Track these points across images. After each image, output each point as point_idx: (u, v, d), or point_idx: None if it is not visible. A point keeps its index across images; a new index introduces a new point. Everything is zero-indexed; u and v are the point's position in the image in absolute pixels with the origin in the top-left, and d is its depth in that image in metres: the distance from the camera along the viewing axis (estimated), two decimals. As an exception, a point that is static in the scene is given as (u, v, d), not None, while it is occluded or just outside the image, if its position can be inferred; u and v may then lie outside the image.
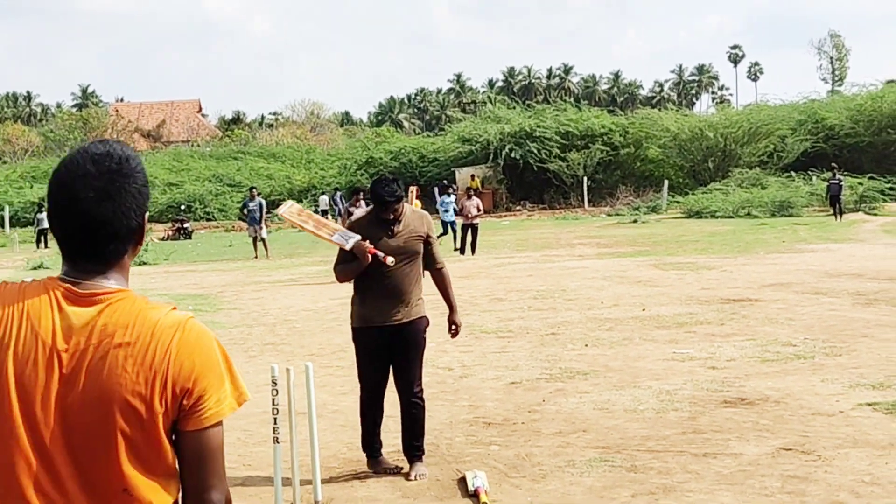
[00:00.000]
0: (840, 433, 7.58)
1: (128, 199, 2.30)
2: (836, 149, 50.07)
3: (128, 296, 2.27)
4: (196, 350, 2.24)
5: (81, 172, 2.29)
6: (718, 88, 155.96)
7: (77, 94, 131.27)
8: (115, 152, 2.33)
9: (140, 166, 2.37)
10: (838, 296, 15.33)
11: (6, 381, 2.18)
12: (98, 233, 2.27)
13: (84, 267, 2.29)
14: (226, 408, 2.25)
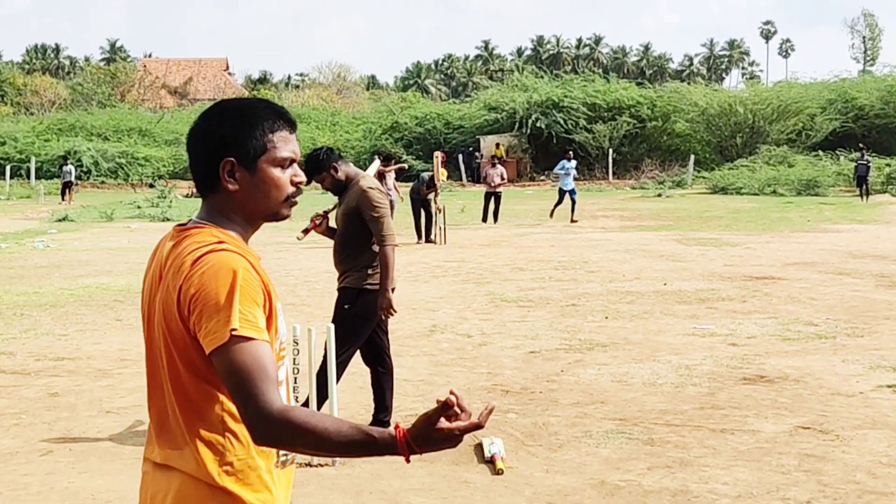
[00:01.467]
0: (859, 414, 7.56)
1: (199, 140, 2.62)
2: (865, 129, 49.66)
3: (196, 231, 2.56)
4: (204, 278, 2.40)
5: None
6: (749, 64, 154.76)
7: (105, 48, 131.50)
8: (218, 103, 2.68)
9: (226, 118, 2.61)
10: (862, 277, 15.25)
11: (144, 306, 2.61)
12: (190, 166, 2.68)
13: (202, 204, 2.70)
14: (217, 337, 2.34)
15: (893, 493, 5.82)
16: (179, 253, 2.48)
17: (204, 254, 2.44)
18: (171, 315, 2.44)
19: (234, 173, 2.58)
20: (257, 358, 2.33)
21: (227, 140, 2.57)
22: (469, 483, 6.13)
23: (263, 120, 2.60)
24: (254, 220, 2.70)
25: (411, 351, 10.07)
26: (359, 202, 7.05)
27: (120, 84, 73.37)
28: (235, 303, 2.37)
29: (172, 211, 29.96)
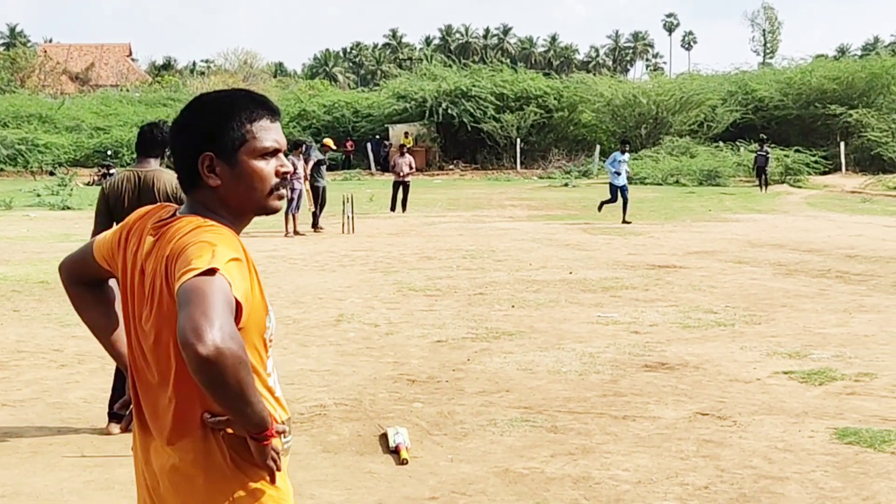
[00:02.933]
0: (756, 400, 7.73)
1: (182, 135, 2.62)
2: (764, 120, 50.68)
3: (177, 222, 2.53)
4: (184, 238, 2.45)
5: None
6: (653, 56, 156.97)
7: (4, 33, 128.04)
8: (200, 96, 2.67)
9: (207, 111, 2.60)
10: (760, 265, 15.60)
11: (127, 292, 2.61)
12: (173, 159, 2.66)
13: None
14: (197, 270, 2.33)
15: (789, 478, 5.97)
16: (169, 238, 2.48)
17: (194, 227, 2.47)
18: (165, 305, 2.47)
19: (213, 168, 2.55)
20: (226, 292, 2.33)
21: (205, 134, 2.55)
22: (373, 473, 6.13)
23: (241, 110, 2.57)
24: (242, 215, 2.64)
25: (317, 341, 10.03)
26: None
27: (19, 69, 71.51)
28: (218, 252, 2.39)
29: (73, 199, 29.37)
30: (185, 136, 2.58)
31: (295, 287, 13.42)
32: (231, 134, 2.55)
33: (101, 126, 52.93)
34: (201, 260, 2.35)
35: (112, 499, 5.68)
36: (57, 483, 5.97)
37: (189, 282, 2.31)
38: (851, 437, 6.72)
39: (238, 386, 2.30)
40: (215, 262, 2.34)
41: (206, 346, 2.23)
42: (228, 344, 2.25)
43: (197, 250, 2.38)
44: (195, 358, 2.24)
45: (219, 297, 2.30)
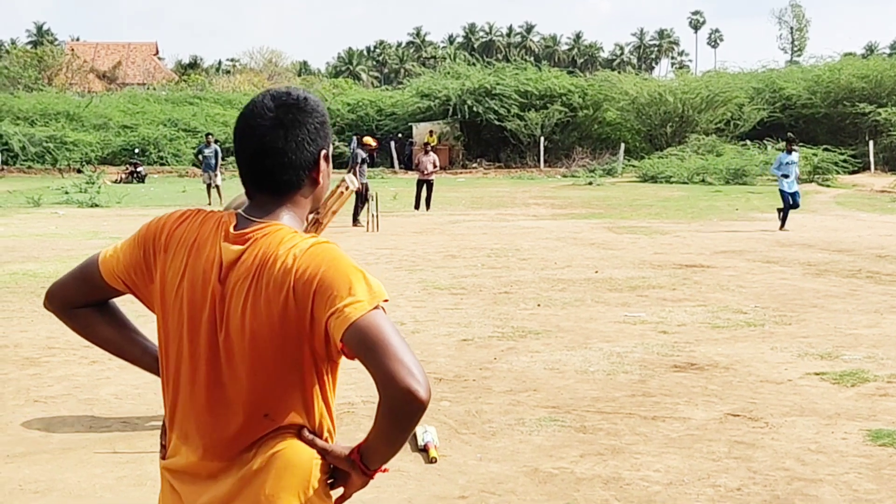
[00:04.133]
0: (787, 401, 7.66)
1: (301, 130, 2.44)
2: (792, 119, 50.36)
3: (274, 229, 2.39)
4: (316, 267, 2.30)
5: (260, 105, 2.46)
6: (678, 54, 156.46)
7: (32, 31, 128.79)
8: (295, 91, 2.51)
9: (320, 106, 2.52)
10: (789, 265, 15.49)
11: (181, 302, 2.42)
12: (269, 160, 2.43)
13: (261, 202, 2.45)
14: (364, 304, 2.25)
15: (822, 480, 5.91)
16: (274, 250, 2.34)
17: (305, 244, 2.35)
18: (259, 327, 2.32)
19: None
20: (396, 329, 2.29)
21: (326, 130, 2.51)
22: (402, 472, 6.10)
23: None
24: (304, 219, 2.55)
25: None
26: None
27: (47, 68, 71.94)
28: (368, 276, 2.32)
29: (101, 197, 29.49)
30: (301, 132, 2.44)
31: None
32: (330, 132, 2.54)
33: (129, 124, 53.15)
34: (363, 290, 2.28)
35: (144, 495, 5.68)
36: (89, 479, 5.98)
37: (367, 319, 2.24)
38: (885, 439, 6.65)
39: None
40: (377, 295, 2.30)
41: (427, 389, 2.21)
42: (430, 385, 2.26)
43: (350, 278, 2.29)
44: (417, 405, 2.20)
45: (398, 331, 2.28)
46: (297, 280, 2.29)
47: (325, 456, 2.42)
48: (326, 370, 2.41)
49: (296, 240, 2.36)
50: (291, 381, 2.37)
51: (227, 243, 2.40)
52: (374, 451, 2.38)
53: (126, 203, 29.59)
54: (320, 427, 2.44)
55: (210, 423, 2.41)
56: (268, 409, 2.37)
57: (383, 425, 2.30)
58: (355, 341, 2.24)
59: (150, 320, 2.55)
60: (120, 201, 29.75)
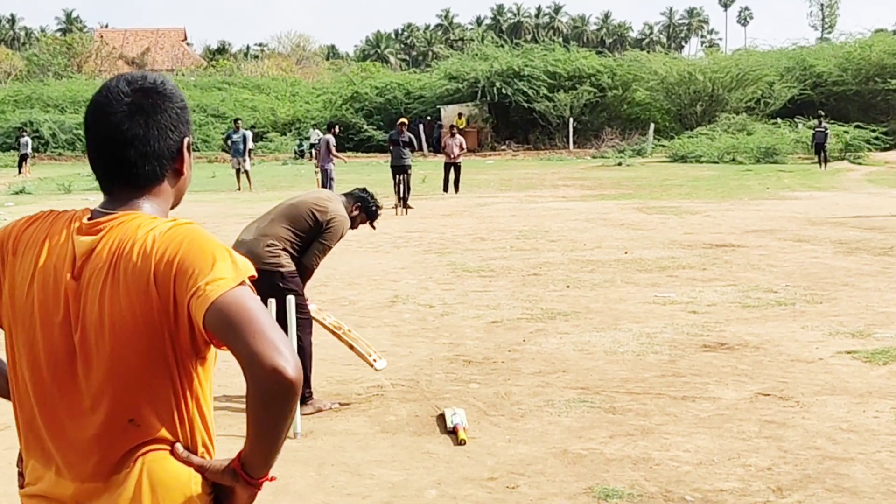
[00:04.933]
0: (819, 380, 7.61)
1: (163, 116, 2.25)
2: (823, 97, 49.98)
3: (129, 217, 2.19)
4: (177, 245, 2.12)
5: (115, 91, 2.26)
6: (708, 32, 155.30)
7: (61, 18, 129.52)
8: (151, 75, 2.31)
9: (178, 90, 2.32)
10: (820, 244, 15.37)
11: (32, 306, 2.19)
12: (130, 150, 2.22)
13: (120, 195, 2.24)
14: (227, 281, 2.07)
15: (853, 459, 5.86)
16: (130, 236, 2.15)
17: (164, 226, 2.16)
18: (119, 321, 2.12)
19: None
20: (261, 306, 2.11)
21: (187, 116, 2.31)
22: (431, 454, 6.11)
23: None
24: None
25: (373, 322, 10.03)
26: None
27: (76, 55, 72.44)
28: (233, 254, 2.14)
29: (131, 183, 29.65)
30: (163, 118, 2.24)
31: (349, 269, 13.44)
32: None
33: (158, 110, 53.40)
34: (227, 268, 2.09)
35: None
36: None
37: (229, 297, 2.05)
38: (917, 418, 6.60)
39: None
40: (242, 271, 2.11)
41: (296, 367, 2.02)
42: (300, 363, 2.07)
43: (213, 255, 2.11)
44: (285, 384, 2.01)
45: (264, 308, 2.09)
46: (158, 264, 2.10)
47: (204, 473, 2.19)
48: (196, 369, 2.20)
49: (154, 223, 2.17)
50: (157, 382, 2.15)
51: (79, 236, 2.18)
52: (255, 454, 2.15)
53: (156, 189, 29.70)
54: (193, 438, 2.21)
55: (71, 436, 2.18)
56: (132, 413, 2.15)
57: (255, 415, 2.09)
58: (216, 321, 2.04)
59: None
60: (150, 187, 29.88)
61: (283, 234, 7.00)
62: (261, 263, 6.70)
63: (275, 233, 6.99)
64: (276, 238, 6.97)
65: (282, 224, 7.04)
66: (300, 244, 7.07)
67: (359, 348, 7.44)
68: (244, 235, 7.13)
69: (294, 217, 7.07)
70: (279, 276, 6.85)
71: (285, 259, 6.96)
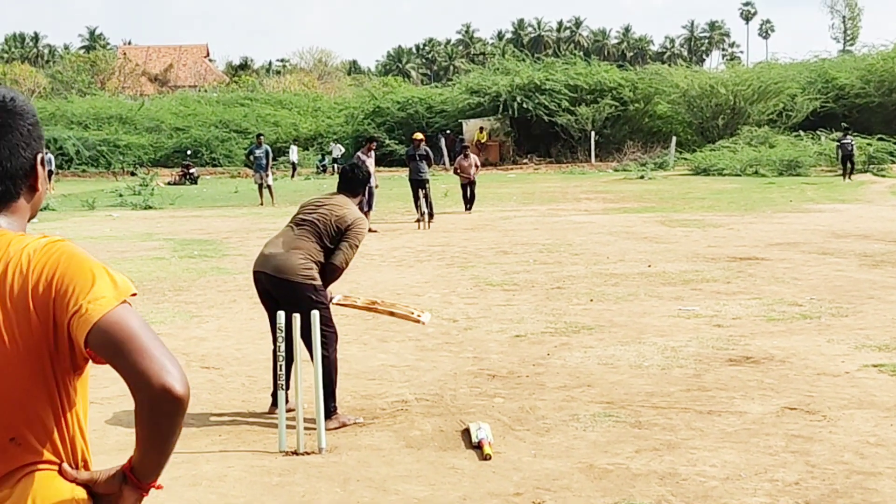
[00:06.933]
0: (845, 394, 7.56)
1: (14, 135, 2.20)
2: (845, 109, 49.78)
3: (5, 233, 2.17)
4: (55, 263, 2.10)
5: None
6: (729, 45, 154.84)
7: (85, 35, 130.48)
8: (6, 92, 2.24)
9: (30, 106, 2.27)
10: (845, 256, 15.28)
11: None
12: None
13: None
14: (108, 299, 2.06)
15: (881, 473, 5.82)
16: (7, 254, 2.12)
17: (38, 244, 2.13)
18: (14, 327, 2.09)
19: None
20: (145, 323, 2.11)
21: (39, 131, 2.28)
22: (457, 469, 6.10)
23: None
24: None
25: (397, 336, 10.03)
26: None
27: (100, 72, 73.02)
28: (111, 271, 2.14)
29: (154, 199, 29.82)
30: (14, 137, 2.21)
31: (373, 283, 13.45)
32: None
33: (181, 126, 53.77)
34: (106, 286, 2.08)
35: (199, 494, 5.73)
36: (144, 479, 6.02)
37: (111, 317, 2.05)
38: (946, 432, 6.54)
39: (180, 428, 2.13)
40: (123, 290, 2.11)
41: (183, 384, 2.04)
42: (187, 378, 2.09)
43: (91, 274, 2.09)
44: (175, 402, 2.03)
45: (148, 325, 2.09)
46: (36, 283, 2.09)
47: (94, 485, 2.19)
48: (74, 385, 2.19)
49: (26, 240, 2.14)
50: (38, 401, 2.13)
51: None
52: (145, 462, 2.16)
53: (179, 204, 29.89)
54: (74, 453, 2.21)
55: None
56: (14, 432, 2.12)
57: (145, 431, 2.10)
58: (101, 342, 2.04)
59: None
60: (173, 203, 30.06)
61: (310, 247, 7.12)
62: (295, 276, 6.92)
63: (305, 247, 7.11)
64: (306, 251, 7.09)
65: (309, 239, 7.14)
66: (327, 255, 7.16)
67: (399, 311, 7.58)
68: (271, 249, 7.19)
69: (319, 234, 7.15)
70: (312, 288, 6.97)
71: (316, 272, 7.09)
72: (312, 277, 7.02)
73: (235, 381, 8.35)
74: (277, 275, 7.03)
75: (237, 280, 13.73)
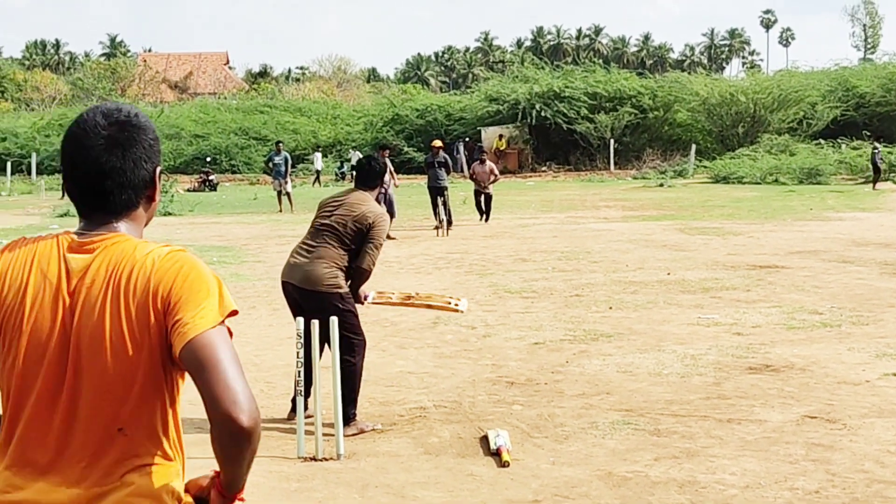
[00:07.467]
0: (866, 402, 7.52)
1: (138, 148, 2.37)
2: (866, 117, 49.51)
3: (122, 238, 2.34)
4: (175, 271, 2.28)
5: (91, 124, 2.37)
6: (749, 53, 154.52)
7: (105, 42, 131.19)
8: (125, 107, 2.42)
9: (150, 122, 2.44)
10: (865, 265, 15.21)
11: (21, 321, 2.30)
12: (108, 181, 2.35)
13: (97, 220, 2.37)
14: (205, 321, 2.23)
15: (902, 482, 5.78)
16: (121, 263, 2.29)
17: (162, 253, 2.31)
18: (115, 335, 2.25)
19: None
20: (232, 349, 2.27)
21: (158, 146, 2.45)
22: (475, 476, 6.10)
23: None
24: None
25: (415, 343, 10.04)
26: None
27: (120, 79, 73.31)
28: (223, 290, 2.30)
29: (174, 205, 29.90)
30: (138, 150, 2.37)
31: (391, 290, 13.43)
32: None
33: (200, 133, 53.90)
34: (213, 304, 2.26)
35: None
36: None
37: (204, 338, 2.21)
38: (968, 441, 6.49)
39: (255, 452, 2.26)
40: (225, 308, 2.27)
41: (250, 417, 2.17)
42: (258, 410, 2.21)
43: (206, 288, 2.28)
44: (239, 432, 2.17)
45: (234, 353, 2.24)
46: (156, 288, 2.26)
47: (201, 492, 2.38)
48: (178, 382, 2.35)
49: (150, 246, 2.33)
50: (148, 393, 2.29)
51: (71, 254, 2.32)
52: (225, 475, 2.31)
53: (199, 211, 29.98)
54: (173, 443, 2.37)
55: (61, 443, 2.27)
56: (123, 423, 2.27)
57: (216, 450, 2.26)
58: (188, 358, 2.21)
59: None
60: (193, 209, 30.14)
61: (334, 254, 7.14)
62: (321, 286, 6.97)
63: (329, 255, 7.12)
64: (330, 259, 7.10)
65: (331, 245, 7.14)
66: (351, 257, 7.17)
67: (436, 303, 7.61)
68: (297, 259, 7.20)
69: (339, 237, 7.15)
70: (338, 297, 7.02)
71: (342, 279, 7.13)
72: (338, 286, 7.05)
73: (254, 388, 8.33)
74: (304, 286, 7.08)
75: (256, 287, 13.76)
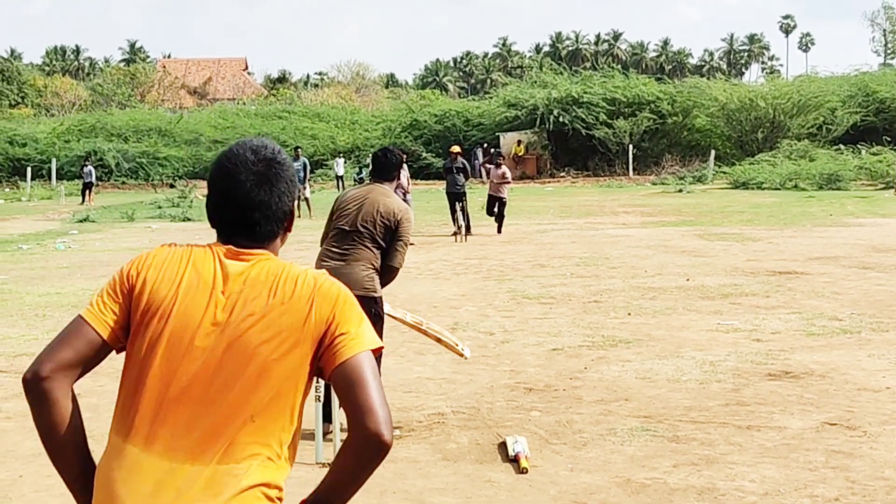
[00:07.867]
0: (886, 409, 7.48)
1: (282, 183, 2.57)
2: (886, 123, 49.33)
3: (271, 256, 2.56)
4: (337, 293, 2.49)
5: (242, 160, 2.56)
6: (768, 59, 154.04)
7: (125, 48, 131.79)
8: (270, 144, 2.63)
9: (288, 157, 2.66)
10: (886, 271, 15.13)
11: (171, 310, 2.47)
12: (256, 213, 2.55)
13: (240, 245, 2.56)
14: (364, 343, 2.43)
15: (923, 490, 5.75)
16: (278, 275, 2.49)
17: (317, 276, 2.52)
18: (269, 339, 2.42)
19: None
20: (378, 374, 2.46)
21: (295, 180, 2.65)
22: (493, 482, 6.09)
23: None
24: None
25: (433, 349, 10.01)
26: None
27: (140, 84, 73.65)
28: (366, 320, 2.51)
29: (193, 211, 30.01)
30: (282, 185, 2.59)
31: (410, 296, 13.46)
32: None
33: (219, 139, 54.00)
34: (368, 331, 2.47)
35: None
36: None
37: (363, 358, 2.41)
38: None
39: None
40: (375, 342, 2.47)
41: (392, 436, 2.37)
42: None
43: (362, 317, 2.50)
44: (381, 448, 2.36)
45: (380, 380, 2.44)
46: (322, 301, 2.46)
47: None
48: (307, 389, 2.51)
49: (304, 266, 2.55)
50: (286, 387, 2.44)
51: (228, 260, 2.53)
52: (339, 491, 2.46)
53: (218, 216, 30.01)
54: (294, 438, 2.50)
55: (193, 421, 2.41)
56: (255, 411, 2.41)
57: (344, 461, 2.41)
58: (341, 376, 2.40)
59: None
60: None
61: (370, 254, 7.10)
62: (360, 290, 6.79)
63: (365, 256, 7.08)
64: (367, 261, 7.07)
65: (365, 247, 7.09)
66: (382, 255, 7.14)
67: (446, 340, 7.58)
68: (330, 263, 7.10)
69: (371, 235, 7.10)
70: (373, 301, 6.96)
71: (378, 282, 7.10)
72: (374, 289, 7.03)
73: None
74: None
75: (275, 292, 13.77)
